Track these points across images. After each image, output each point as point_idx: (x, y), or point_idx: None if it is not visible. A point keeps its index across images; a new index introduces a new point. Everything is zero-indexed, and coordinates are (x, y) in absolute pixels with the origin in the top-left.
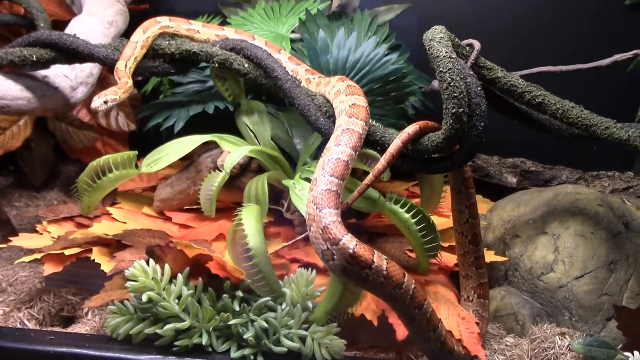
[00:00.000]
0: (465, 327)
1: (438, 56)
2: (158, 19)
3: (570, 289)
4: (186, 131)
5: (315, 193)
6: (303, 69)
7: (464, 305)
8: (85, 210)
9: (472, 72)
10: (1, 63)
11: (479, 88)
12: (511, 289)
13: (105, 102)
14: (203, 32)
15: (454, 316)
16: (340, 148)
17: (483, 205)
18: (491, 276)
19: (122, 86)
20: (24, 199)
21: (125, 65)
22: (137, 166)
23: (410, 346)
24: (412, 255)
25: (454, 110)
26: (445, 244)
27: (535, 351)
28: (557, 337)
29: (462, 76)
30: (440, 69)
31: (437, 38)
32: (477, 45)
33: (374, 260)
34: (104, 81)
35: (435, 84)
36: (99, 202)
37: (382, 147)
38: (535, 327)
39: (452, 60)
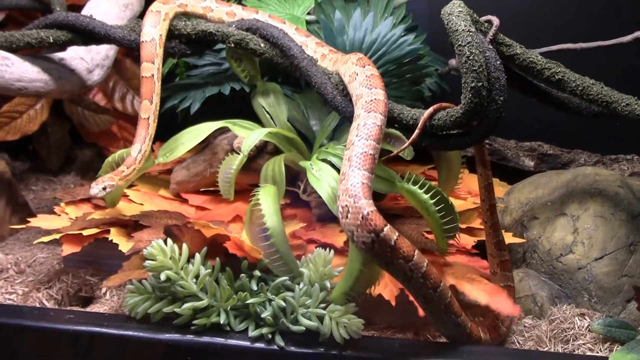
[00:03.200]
0: (491, 292)
1: (457, 30)
2: None
3: (590, 271)
4: (202, 113)
5: (351, 153)
6: (313, 42)
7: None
8: (110, 204)
9: (491, 47)
10: (18, 45)
11: (499, 62)
12: (529, 270)
13: (104, 189)
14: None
15: (479, 290)
16: (371, 114)
17: (500, 188)
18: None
19: (118, 174)
20: (40, 182)
21: (140, 151)
22: (153, 150)
23: (428, 327)
24: (430, 236)
25: (473, 84)
26: (463, 226)
27: (554, 332)
28: (576, 318)
29: (481, 50)
30: (459, 42)
31: (455, 12)
32: (495, 21)
33: (384, 229)
34: (119, 65)
35: (453, 62)
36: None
37: (400, 124)
38: (555, 308)
39: (471, 33)
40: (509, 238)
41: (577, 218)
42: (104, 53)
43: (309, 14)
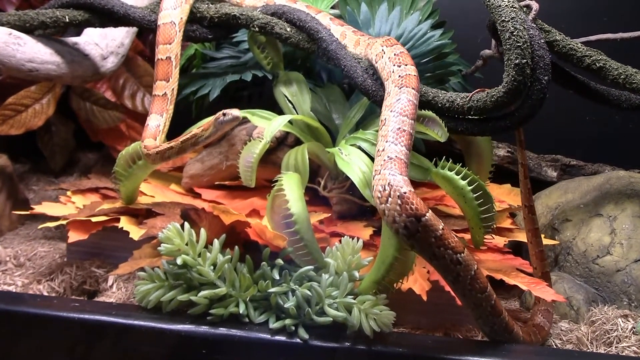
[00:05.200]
0: (529, 281)
1: (499, 6)
2: None
3: (629, 273)
4: (217, 106)
5: (386, 131)
6: (350, 31)
7: None
8: (125, 200)
9: (534, 25)
10: (32, 24)
11: (542, 41)
12: (563, 274)
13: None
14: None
15: (516, 279)
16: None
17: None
18: None
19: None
20: (42, 183)
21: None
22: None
23: (458, 327)
24: (460, 235)
25: (517, 61)
26: None
27: (596, 334)
28: (619, 320)
29: (525, 26)
30: (502, 18)
31: None
32: (535, 6)
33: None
34: (130, 62)
35: (487, 52)
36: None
37: (434, 108)
38: (596, 309)
39: (514, 9)
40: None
41: (614, 218)
42: (119, 40)
43: (333, 7)
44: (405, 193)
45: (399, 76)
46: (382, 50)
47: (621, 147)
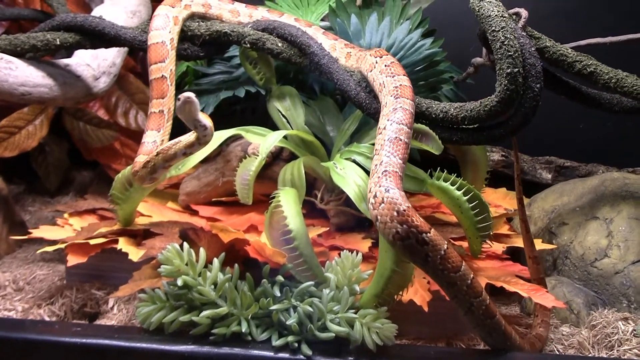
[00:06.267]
0: (529, 288)
1: (489, 16)
2: None
3: (627, 275)
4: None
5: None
6: (342, 44)
7: None
8: (123, 222)
9: (524, 34)
10: (23, 48)
11: (533, 49)
12: (562, 277)
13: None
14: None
15: (516, 286)
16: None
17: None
18: None
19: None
20: (37, 204)
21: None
22: None
23: (460, 337)
24: (457, 243)
25: (508, 70)
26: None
27: (597, 337)
28: (620, 323)
29: (515, 35)
30: (493, 27)
31: None
32: (524, 13)
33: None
34: (123, 80)
35: (478, 60)
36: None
37: (428, 119)
38: (596, 313)
39: (504, 19)
40: (538, 244)
41: (610, 221)
42: (110, 60)
43: (322, 20)
44: (385, 171)
45: (394, 87)
46: (374, 62)
47: (613, 147)
